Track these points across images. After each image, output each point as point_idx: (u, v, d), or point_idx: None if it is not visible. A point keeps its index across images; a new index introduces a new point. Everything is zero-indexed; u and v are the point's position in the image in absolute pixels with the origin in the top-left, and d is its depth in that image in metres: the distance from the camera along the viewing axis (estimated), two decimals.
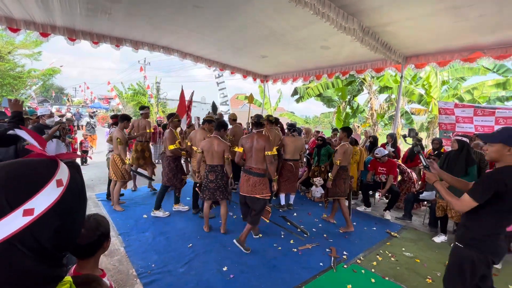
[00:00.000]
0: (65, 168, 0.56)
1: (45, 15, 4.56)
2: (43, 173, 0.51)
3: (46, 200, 0.49)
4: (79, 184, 0.58)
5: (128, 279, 2.62)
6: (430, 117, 10.54)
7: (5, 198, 0.46)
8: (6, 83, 17.26)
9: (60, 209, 0.51)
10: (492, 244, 1.77)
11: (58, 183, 0.52)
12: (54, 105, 24.03)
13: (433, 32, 4.35)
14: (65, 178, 0.54)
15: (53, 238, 0.50)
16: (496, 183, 1.66)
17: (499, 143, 1.73)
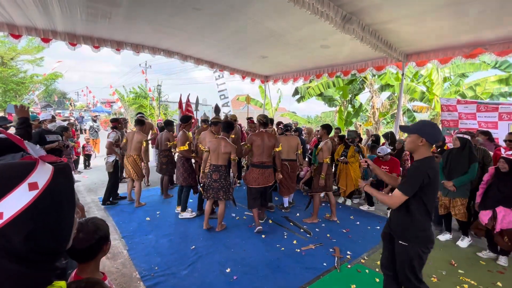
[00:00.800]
0: (47, 171, 0.54)
1: (46, 21, 4.59)
2: (14, 175, 0.51)
3: (16, 204, 0.48)
4: (62, 187, 0.56)
5: (132, 282, 2.62)
6: (433, 114, 10.47)
7: None
8: (9, 88, 17.44)
9: (33, 214, 0.50)
10: (430, 234, 1.90)
11: (30, 186, 0.50)
12: (57, 109, 24.22)
13: (433, 29, 4.33)
14: (43, 181, 0.52)
15: (25, 242, 0.49)
16: (422, 175, 1.77)
17: (415, 134, 1.86)
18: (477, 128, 5.44)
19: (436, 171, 1.84)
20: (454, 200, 3.64)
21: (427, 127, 1.86)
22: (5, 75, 16.86)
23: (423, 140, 1.83)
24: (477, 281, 2.80)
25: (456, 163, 3.60)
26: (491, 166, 3.56)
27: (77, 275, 1.11)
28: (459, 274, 2.94)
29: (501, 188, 3.15)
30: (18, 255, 0.49)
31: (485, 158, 3.84)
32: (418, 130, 1.85)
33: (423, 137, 1.83)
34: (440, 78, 9.21)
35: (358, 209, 5.05)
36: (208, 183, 3.67)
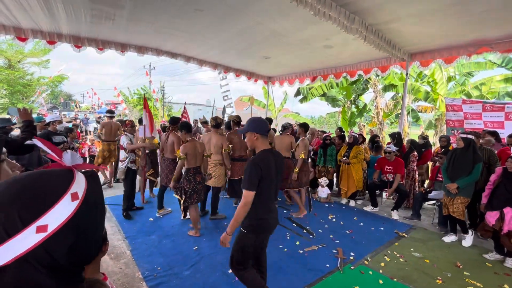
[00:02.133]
0: (82, 180, 0.53)
1: (52, 24, 4.66)
2: (57, 186, 0.49)
3: (61, 215, 0.47)
4: (97, 196, 0.56)
5: (135, 282, 2.63)
6: (438, 114, 10.36)
7: (17, 214, 0.44)
8: (16, 90, 17.72)
9: (75, 224, 0.49)
10: (263, 223, 2.01)
11: (73, 197, 0.49)
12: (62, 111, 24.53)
13: (438, 28, 4.28)
14: (81, 190, 0.52)
15: (68, 254, 0.49)
16: (256, 168, 1.88)
17: (248, 132, 1.98)
18: (482, 128, 5.37)
19: (267, 161, 1.94)
20: (454, 198, 3.59)
21: (253, 123, 2.00)
22: (12, 77, 17.14)
23: (255, 134, 1.97)
24: (483, 283, 2.75)
25: (460, 164, 3.56)
26: (498, 166, 3.51)
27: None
28: (465, 276, 2.89)
29: (509, 188, 3.11)
30: (58, 268, 0.48)
31: (491, 158, 3.79)
32: (248, 127, 1.98)
33: (253, 131, 1.97)
34: (445, 77, 9.10)
35: (361, 210, 5.01)
36: (193, 188, 3.53)
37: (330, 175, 5.66)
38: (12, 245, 0.43)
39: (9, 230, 0.44)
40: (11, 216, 0.44)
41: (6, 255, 0.43)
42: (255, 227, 2.00)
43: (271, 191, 2.02)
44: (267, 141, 2.04)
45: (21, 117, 2.41)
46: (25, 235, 0.44)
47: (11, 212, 0.44)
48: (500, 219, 3.13)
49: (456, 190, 3.53)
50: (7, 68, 17.14)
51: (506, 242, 3.10)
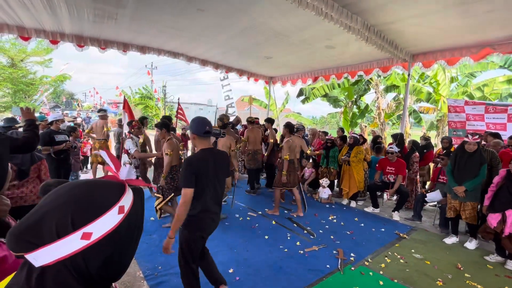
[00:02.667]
0: (130, 195, 0.54)
1: (55, 23, 4.68)
2: (108, 197, 0.51)
3: (105, 226, 0.48)
4: (138, 213, 0.56)
5: (135, 281, 2.64)
6: (439, 115, 10.32)
7: (71, 217, 0.46)
8: (19, 89, 17.81)
9: (115, 237, 0.50)
10: (199, 222, 2.03)
11: (119, 210, 0.50)
12: (64, 110, 24.62)
13: (440, 29, 4.27)
14: (128, 205, 0.52)
15: (101, 267, 0.49)
16: (191, 166, 1.94)
17: (192, 133, 2.07)
18: (484, 130, 5.35)
19: (203, 160, 2.02)
20: (465, 204, 3.57)
21: (192, 123, 2.07)
22: (15, 76, 17.24)
23: (192, 134, 2.05)
24: (484, 285, 2.74)
25: (466, 166, 3.53)
26: (500, 168, 3.50)
27: None
28: (466, 278, 2.89)
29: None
30: (89, 279, 0.49)
31: (493, 160, 3.77)
32: (190, 128, 2.07)
33: (191, 131, 2.05)
34: (447, 78, 9.07)
35: (362, 211, 5.01)
36: (176, 185, 3.68)
37: (333, 177, 5.66)
38: (59, 246, 0.45)
39: (60, 231, 0.45)
40: (65, 217, 0.46)
41: (52, 256, 0.45)
42: (188, 223, 2.02)
43: (210, 189, 2.04)
44: (205, 140, 2.08)
45: (24, 116, 2.42)
46: (72, 239, 0.45)
47: (66, 214, 0.46)
48: (502, 221, 3.11)
49: (463, 194, 3.51)
50: (10, 67, 17.24)
51: (507, 244, 3.09)
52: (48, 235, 0.45)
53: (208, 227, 2.12)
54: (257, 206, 4.95)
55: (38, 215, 0.46)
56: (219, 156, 2.14)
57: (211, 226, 2.13)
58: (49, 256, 0.45)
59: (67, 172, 4.46)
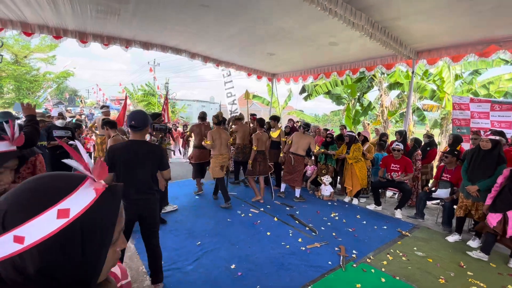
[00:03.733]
0: (88, 196, 0.47)
1: (58, 19, 4.69)
2: (46, 197, 0.44)
3: (39, 231, 0.41)
4: (100, 218, 0.47)
5: (138, 276, 2.67)
6: (443, 113, 10.25)
7: (3, 215, 0.42)
8: (24, 86, 17.90)
9: (64, 245, 0.43)
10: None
11: (60, 214, 0.43)
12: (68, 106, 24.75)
13: (445, 25, 4.22)
14: (77, 208, 0.45)
15: (40, 276, 0.43)
16: (108, 155, 2.14)
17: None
18: (489, 128, 5.30)
19: (124, 150, 2.20)
20: (478, 204, 3.52)
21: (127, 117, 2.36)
22: (19, 73, 17.33)
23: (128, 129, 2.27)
24: (486, 283, 2.73)
25: (482, 165, 3.45)
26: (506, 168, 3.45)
27: None
28: (468, 276, 2.88)
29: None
30: (35, 282, 0.44)
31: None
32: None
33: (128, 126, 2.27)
34: (452, 76, 8.98)
35: (364, 208, 5.00)
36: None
37: (330, 173, 5.66)
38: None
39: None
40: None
41: None
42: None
43: (129, 177, 2.17)
44: (134, 133, 2.28)
45: (25, 111, 2.43)
46: (3, 240, 0.40)
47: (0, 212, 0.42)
48: (502, 222, 3.08)
49: (477, 193, 3.46)
50: (13, 64, 17.33)
51: (508, 244, 3.07)
52: None
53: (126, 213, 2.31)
54: (259, 203, 4.96)
55: None
56: (146, 149, 2.29)
57: (129, 212, 2.13)
58: None
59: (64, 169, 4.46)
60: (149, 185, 2.32)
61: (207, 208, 4.60)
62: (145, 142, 2.37)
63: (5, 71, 16.75)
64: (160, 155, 2.37)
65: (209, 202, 4.93)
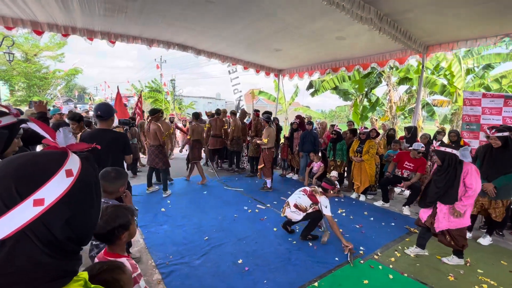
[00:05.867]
0: (76, 159, 0.55)
1: (66, 17, 4.75)
2: (52, 163, 0.51)
3: (56, 190, 0.49)
4: (91, 176, 0.57)
5: (148, 269, 2.72)
6: (454, 108, 10.03)
7: (14, 188, 0.46)
8: (33, 84, 18.25)
9: (71, 200, 0.51)
10: None
11: (67, 173, 0.51)
12: (77, 104, 25.17)
13: (457, 17, 4.09)
14: (76, 168, 0.53)
15: (65, 229, 0.50)
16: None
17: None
18: (500, 124, 5.16)
19: (87, 137, 2.51)
20: (495, 202, 3.43)
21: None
22: (29, 71, 17.65)
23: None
24: (497, 281, 2.69)
25: (498, 163, 3.34)
26: None
27: (106, 253, 1.22)
28: (478, 274, 2.84)
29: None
30: (54, 243, 0.49)
31: None
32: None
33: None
34: (463, 70, 8.75)
35: (372, 205, 4.96)
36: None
37: (339, 169, 5.62)
38: (12, 218, 0.45)
39: (7, 202, 0.45)
40: (8, 189, 0.46)
41: (6, 228, 0.45)
42: None
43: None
44: (100, 122, 2.62)
45: (36, 109, 2.51)
46: (23, 208, 0.45)
47: (8, 186, 0.46)
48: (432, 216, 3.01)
49: (494, 190, 3.36)
50: (24, 62, 17.65)
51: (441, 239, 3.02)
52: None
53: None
54: (265, 199, 4.98)
55: None
56: (110, 136, 2.60)
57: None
58: (4, 228, 0.44)
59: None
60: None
61: (214, 204, 4.64)
62: (110, 130, 2.69)
63: (16, 69, 17.07)
64: (123, 142, 2.69)
65: (215, 198, 4.97)
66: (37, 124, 0.55)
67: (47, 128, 0.57)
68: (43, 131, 0.56)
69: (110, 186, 1.75)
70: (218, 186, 5.76)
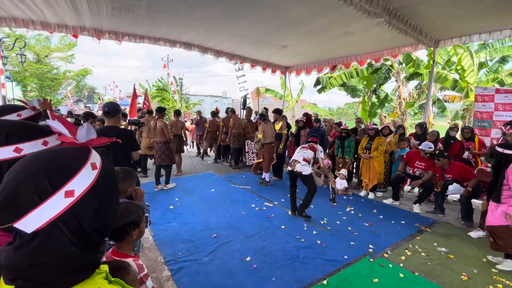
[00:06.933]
0: (96, 154, 0.57)
1: (76, 18, 4.82)
2: (78, 157, 0.53)
3: (84, 182, 0.51)
4: (110, 170, 0.59)
5: (157, 266, 2.75)
6: (466, 104, 9.76)
7: (47, 180, 0.48)
8: (45, 84, 18.65)
9: (96, 192, 0.53)
10: None
11: (92, 166, 0.53)
12: (87, 103, 25.65)
13: (470, 10, 3.97)
14: (98, 162, 0.55)
15: (93, 220, 0.52)
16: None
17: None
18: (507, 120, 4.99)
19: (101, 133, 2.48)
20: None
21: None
22: (41, 71, 18.05)
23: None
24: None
25: None
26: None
27: (114, 251, 1.22)
28: (493, 273, 2.76)
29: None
30: (82, 235, 0.51)
31: None
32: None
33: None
34: (475, 64, 8.50)
35: (381, 203, 4.88)
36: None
37: (348, 166, 5.56)
38: (45, 209, 0.46)
39: (41, 194, 0.47)
40: (41, 182, 0.47)
41: (40, 218, 0.46)
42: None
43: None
44: (108, 118, 2.69)
45: (41, 107, 2.57)
46: (56, 199, 0.47)
47: (41, 179, 0.47)
48: None
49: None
50: (36, 63, 18.05)
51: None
52: (30, 202, 0.46)
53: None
54: (272, 196, 4.97)
55: (11, 188, 0.47)
56: (116, 132, 2.64)
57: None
58: (38, 219, 0.46)
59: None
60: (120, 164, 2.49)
61: (222, 202, 4.66)
62: (117, 127, 2.76)
63: (28, 70, 17.48)
64: (130, 138, 2.77)
65: (223, 196, 4.99)
66: (59, 120, 0.57)
67: (69, 124, 0.58)
68: (64, 127, 0.57)
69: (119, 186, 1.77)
70: (225, 184, 5.78)
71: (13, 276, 0.47)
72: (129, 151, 2.75)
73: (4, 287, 0.48)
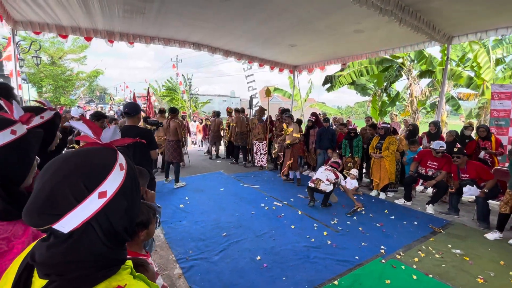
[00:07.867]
0: (121, 154, 0.59)
1: (88, 20, 4.94)
2: (107, 158, 0.55)
3: (115, 182, 0.53)
4: (133, 169, 0.61)
5: (168, 264, 2.80)
6: (482, 102, 9.46)
7: (82, 183, 0.50)
8: (59, 86, 19.18)
9: (125, 191, 0.55)
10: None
11: (120, 167, 0.56)
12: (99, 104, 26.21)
13: (486, 5, 3.85)
14: (124, 162, 0.57)
15: (124, 219, 0.55)
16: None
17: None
18: None
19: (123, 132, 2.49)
20: None
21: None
22: (55, 73, 18.58)
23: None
24: None
25: None
26: None
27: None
28: (510, 276, 2.67)
29: None
30: (113, 234, 0.53)
31: None
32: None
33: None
34: (492, 61, 8.22)
35: (393, 203, 4.80)
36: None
37: (356, 166, 5.49)
38: (81, 210, 0.49)
39: (77, 196, 0.49)
40: (76, 184, 0.49)
41: (77, 219, 0.49)
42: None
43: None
44: (128, 119, 2.82)
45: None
46: (91, 200, 0.50)
47: (76, 181, 0.49)
48: None
49: None
50: (50, 65, 18.59)
51: None
52: (67, 204, 0.48)
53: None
54: (282, 196, 4.96)
55: (47, 190, 0.48)
56: (136, 131, 2.74)
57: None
58: (75, 220, 0.48)
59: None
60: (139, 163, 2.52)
61: (231, 201, 4.69)
62: (136, 127, 2.86)
63: (43, 72, 18.03)
64: (149, 138, 2.81)
65: (233, 195, 5.01)
66: (85, 122, 0.59)
67: (94, 125, 0.60)
68: (88, 128, 0.59)
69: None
70: (234, 183, 5.81)
71: (48, 272, 0.50)
72: (147, 150, 2.82)
73: (38, 281, 0.51)
